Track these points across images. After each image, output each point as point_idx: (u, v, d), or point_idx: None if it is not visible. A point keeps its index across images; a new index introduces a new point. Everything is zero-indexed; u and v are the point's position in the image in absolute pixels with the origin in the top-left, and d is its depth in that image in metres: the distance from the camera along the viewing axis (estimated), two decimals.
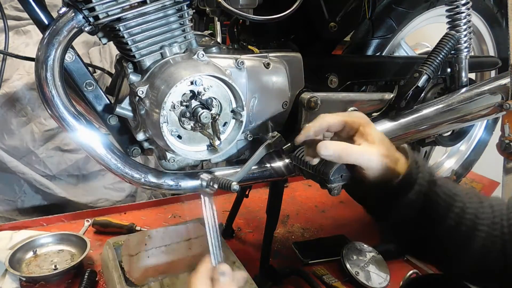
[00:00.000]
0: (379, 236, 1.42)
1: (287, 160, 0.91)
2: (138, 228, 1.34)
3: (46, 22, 0.74)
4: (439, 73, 1.14)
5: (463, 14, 1.10)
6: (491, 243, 0.56)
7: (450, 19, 1.13)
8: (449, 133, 1.36)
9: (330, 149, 0.60)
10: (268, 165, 0.92)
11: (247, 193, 1.23)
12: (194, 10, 0.86)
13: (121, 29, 0.73)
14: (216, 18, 1.07)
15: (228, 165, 0.93)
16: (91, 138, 0.77)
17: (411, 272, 1.14)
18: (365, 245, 1.24)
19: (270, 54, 0.92)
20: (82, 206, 1.67)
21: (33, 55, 0.76)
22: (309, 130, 0.64)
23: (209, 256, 0.66)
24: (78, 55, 0.77)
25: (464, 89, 1.11)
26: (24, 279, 1.09)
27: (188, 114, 0.74)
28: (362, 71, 1.11)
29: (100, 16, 0.72)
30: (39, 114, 1.64)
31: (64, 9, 0.73)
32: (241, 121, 0.79)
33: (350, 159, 0.60)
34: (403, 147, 0.64)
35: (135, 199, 1.84)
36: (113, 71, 0.95)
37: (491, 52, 1.48)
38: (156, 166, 1.32)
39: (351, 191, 0.75)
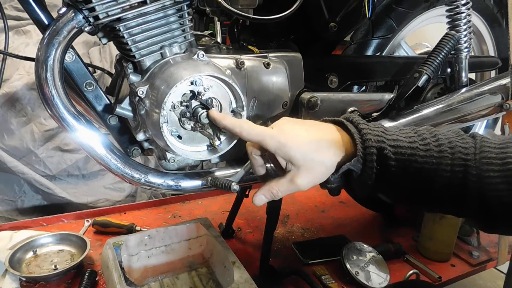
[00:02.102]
0: (379, 236, 1.43)
1: None
2: (138, 228, 1.34)
3: (46, 22, 0.74)
4: (439, 73, 1.15)
5: (463, 14, 1.10)
6: (453, 179, 0.56)
7: (450, 19, 1.13)
8: None
9: (260, 201, 0.62)
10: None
11: (247, 193, 1.23)
12: (194, 10, 0.87)
13: (121, 29, 0.73)
14: (216, 18, 1.07)
15: (228, 165, 0.93)
16: (91, 138, 0.76)
17: (411, 272, 1.14)
18: (365, 245, 1.24)
19: (270, 54, 0.92)
20: (82, 206, 1.67)
21: (33, 55, 0.76)
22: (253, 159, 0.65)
23: None
24: (78, 55, 0.77)
25: (464, 89, 1.11)
26: (24, 279, 1.09)
27: (188, 114, 0.74)
28: (362, 71, 1.11)
29: (100, 16, 0.72)
30: (39, 114, 1.64)
31: (64, 9, 0.73)
32: None
33: (284, 194, 0.61)
34: (340, 121, 0.62)
35: (135, 199, 1.84)
36: (113, 71, 0.95)
37: (491, 52, 1.49)
38: (156, 166, 1.32)
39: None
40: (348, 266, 1.17)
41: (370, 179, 0.58)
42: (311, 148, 0.57)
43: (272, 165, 0.66)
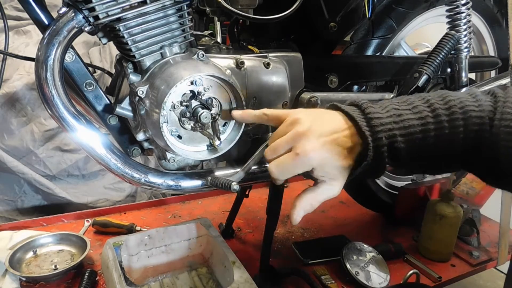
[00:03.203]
0: (379, 236, 1.43)
1: None
2: (138, 228, 1.34)
3: (46, 22, 0.74)
4: (439, 73, 1.15)
5: (463, 14, 1.10)
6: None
7: (450, 19, 1.13)
8: None
9: (300, 218, 0.63)
10: (268, 165, 0.92)
11: (247, 193, 1.23)
12: (194, 10, 0.86)
13: (121, 29, 0.73)
14: (216, 18, 1.07)
15: (228, 165, 0.93)
16: (91, 138, 0.77)
17: (411, 272, 1.14)
18: (365, 245, 1.24)
19: (270, 54, 0.92)
20: (82, 206, 1.67)
21: (33, 55, 0.76)
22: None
23: None
24: (78, 55, 0.77)
25: (464, 89, 1.11)
26: (24, 279, 1.09)
27: (188, 114, 0.74)
28: (362, 71, 1.11)
29: (100, 16, 0.72)
30: (39, 114, 1.64)
31: (64, 9, 0.73)
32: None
33: (319, 203, 0.62)
34: (351, 116, 0.61)
35: (135, 199, 1.84)
36: (113, 71, 0.95)
37: (491, 52, 1.49)
38: (156, 166, 1.32)
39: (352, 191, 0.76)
40: (348, 266, 1.16)
41: (382, 171, 0.60)
42: (340, 159, 0.59)
43: None
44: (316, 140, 0.59)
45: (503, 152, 0.54)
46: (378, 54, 1.18)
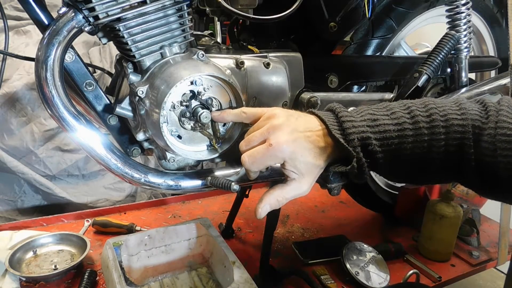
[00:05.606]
0: (379, 236, 1.43)
1: None
2: (138, 228, 1.34)
3: (46, 22, 0.74)
4: (439, 73, 1.15)
5: (463, 14, 1.10)
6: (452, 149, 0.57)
7: (450, 19, 1.13)
8: None
9: (265, 212, 0.62)
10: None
11: (247, 193, 1.23)
12: (194, 10, 0.86)
13: (121, 29, 0.73)
14: (216, 18, 1.07)
15: (228, 165, 0.93)
16: (91, 138, 0.76)
17: (411, 272, 1.14)
18: (365, 245, 1.24)
19: (270, 54, 0.92)
20: (82, 206, 1.67)
21: (33, 55, 0.76)
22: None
23: None
24: (78, 55, 0.77)
25: (464, 89, 1.11)
26: (24, 279, 1.09)
27: (188, 114, 0.74)
28: (362, 71, 1.11)
29: (100, 16, 0.72)
30: (39, 114, 1.64)
31: (64, 9, 0.73)
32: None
33: (288, 200, 0.62)
34: (324, 120, 0.62)
35: (135, 199, 1.84)
36: (113, 71, 0.95)
37: (491, 52, 1.49)
38: (156, 166, 1.32)
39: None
40: (348, 266, 1.17)
41: (362, 174, 0.60)
42: (311, 156, 0.60)
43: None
44: (290, 134, 0.60)
45: (501, 160, 0.53)
46: (378, 54, 1.18)
